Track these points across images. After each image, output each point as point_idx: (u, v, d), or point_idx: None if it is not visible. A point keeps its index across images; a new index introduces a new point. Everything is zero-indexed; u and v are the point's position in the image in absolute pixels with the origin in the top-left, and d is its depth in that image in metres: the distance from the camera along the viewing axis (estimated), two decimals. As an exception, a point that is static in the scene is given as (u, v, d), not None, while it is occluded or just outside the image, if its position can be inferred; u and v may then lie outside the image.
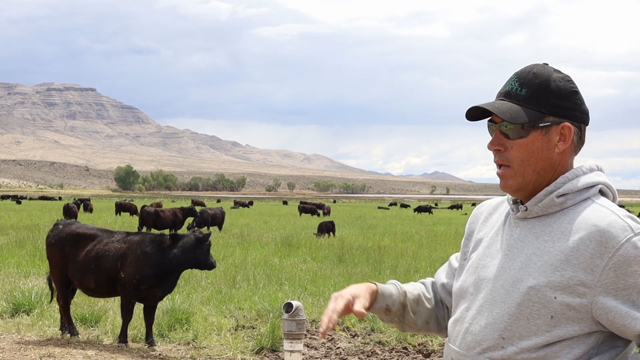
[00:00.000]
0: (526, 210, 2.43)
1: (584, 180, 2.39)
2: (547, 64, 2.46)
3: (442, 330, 2.82)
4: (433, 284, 2.89)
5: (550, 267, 2.30)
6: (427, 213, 79.30)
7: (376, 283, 2.77)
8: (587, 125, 2.45)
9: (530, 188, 2.43)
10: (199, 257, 10.46)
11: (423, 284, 2.89)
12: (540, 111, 2.38)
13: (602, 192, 2.42)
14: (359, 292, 2.68)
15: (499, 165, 2.47)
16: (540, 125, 2.38)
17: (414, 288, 2.84)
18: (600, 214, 2.30)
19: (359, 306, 2.63)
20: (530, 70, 2.44)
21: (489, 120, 2.48)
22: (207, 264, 10.57)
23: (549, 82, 2.39)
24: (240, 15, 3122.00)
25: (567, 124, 2.39)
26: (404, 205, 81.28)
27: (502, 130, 2.43)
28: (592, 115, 2.50)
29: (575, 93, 2.42)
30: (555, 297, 2.27)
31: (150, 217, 33.65)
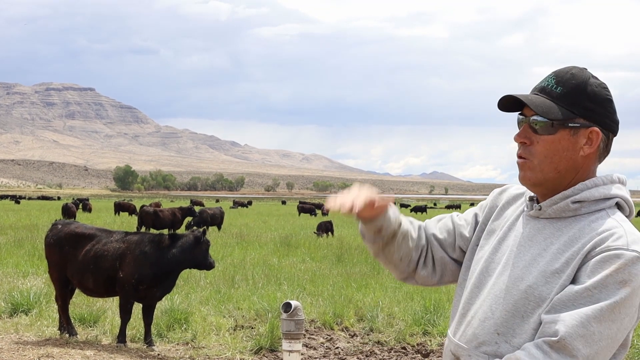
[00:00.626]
0: (540, 209, 2.44)
1: (602, 191, 2.39)
2: (586, 69, 2.46)
3: (405, 273, 2.84)
4: (420, 227, 2.86)
5: (550, 270, 2.31)
6: (423, 213, 79.37)
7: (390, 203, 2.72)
8: (615, 135, 2.46)
9: (548, 185, 2.44)
10: (198, 257, 10.46)
11: (411, 223, 2.85)
12: (572, 111, 2.39)
13: (619, 206, 2.42)
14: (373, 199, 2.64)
15: (521, 157, 2.47)
16: (570, 125, 2.39)
17: (407, 222, 2.82)
18: (609, 225, 2.31)
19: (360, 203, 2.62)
20: (569, 71, 2.45)
21: (520, 114, 2.48)
22: (205, 264, 10.57)
23: (585, 85, 2.40)
24: (239, 16, 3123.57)
25: (596, 129, 2.39)
26: (404, 205, 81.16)
27: (531, 124, 2.44)
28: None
29: (609, 101, 2.43)
30: (550, 299, 2.29)
31: (149, 217, 33.65)
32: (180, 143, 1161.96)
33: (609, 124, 2.42)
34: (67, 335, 10.71)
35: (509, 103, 2.48)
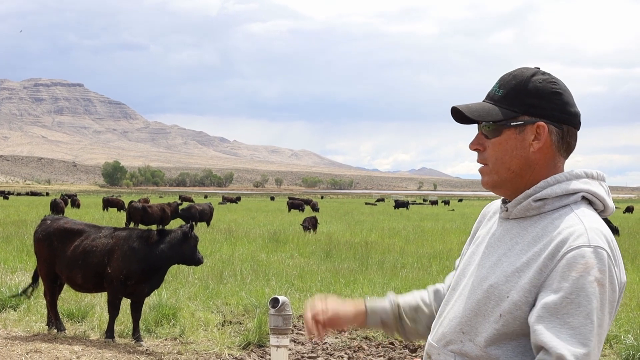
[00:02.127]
0: (507, 210, 2.46)
1: (564, 187, 2.38)
2: (534, 68, 2.47)
3: None
4: (438, 290, 2.91)
5: (512, 269, 2.32)
6: (405, 208, 79.48)
7: (366, 301, 2.86)
8: (574, 127, 2.44)
9: (508, 186, 2.45)
10: (186, 252, 10.45)
11: (427, 290, 2.91)
12: (513, 110, 2.40)
13: (589, 201, 2.42)
14: (331, 308, 2.89)
15: (481, 164, 2.50)
16: (513, 124, 2.40)
17: (412, 297, 2.88)
18: (569, 221, 2.30)
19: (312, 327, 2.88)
20: (512, 73, 2.47)
21: (478, 124, 2.50)
22: (194, 260, 10.56)
23: (526, 83, 2.41)
24: (229, 11, 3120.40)
25: (542, 123, 2.38)
26: (402, 205, 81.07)
27: (482, 131, 2.47)
28: (580, 111, 2.47)
29: (557, 94, 2.41)
30: (507, 296, 2.29)
31: (138, 213, 33.64)
32: (169, 139, 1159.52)
33: (559, 116, 2.40)
34: (56, 330, 10.70)
35: (463, 115, 2.49)
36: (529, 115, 2.40)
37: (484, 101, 2.49)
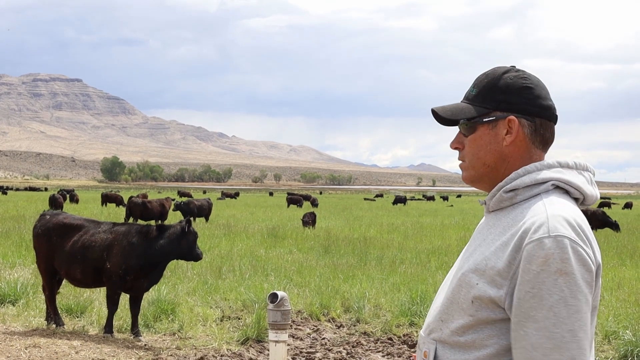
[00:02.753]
0: (485, 204, 2.56)
1: (533, 177, 2.42)
2: (509, 66, 2.57)
3: None
4: None
5: (481, 257, 2.38)
6: (402, 204, 79.62)
7: None
8: (548, 119, 2.50)
9: (486, 180, 2.54)
10: (185, 248, 10.47)
11: None
12: (485, 107, 2.50)
13: (566, 190, 2.44)
14: None
15: (460, 161, 2.61)
16: (485, 120, 2.49)
17: None
18: (535, 211, 2.34)
19: None
20: (486, 72, 2.58)
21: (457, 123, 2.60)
22: (193, 256, 10.59)
23: (497, 80, 2.51)
24: (228, 7, 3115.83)
25: (512, 117, 2.46)
26: (399, 200, 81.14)
27: (461, 130, 2.58)
28: (579, 107, 2.35)
29: (527, 88, 2.48)
30: (477, 284, 2.35)
31: (138, 208, 33.66)
32: (168, 134, 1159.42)
33: (530, 109, 2.47)
34: (54, 325, 10.71)
35: (444, 117, 2.59)
36: (500, 110, 2.48)
37: (462, 102, 2.60)
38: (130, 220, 32.84)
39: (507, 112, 2.47)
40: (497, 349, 2.33)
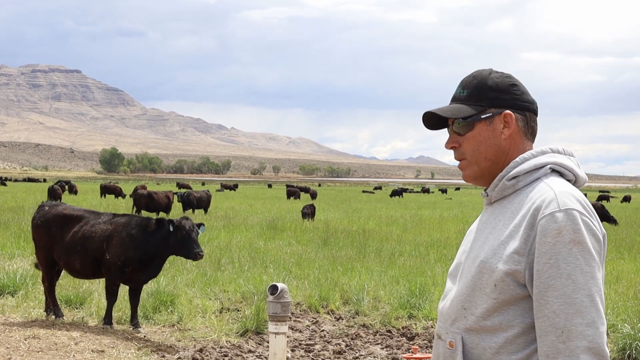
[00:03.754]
0: (487, 196, 2.69)
1: (532, 162, 2.60)
2: (488, 69, 2.74)
3: None
4: None
5: (497, 242, 2.52)
6: (399, 197, 79.70)
7: None
8: (535, 114, 2.71)
9: (487, 174, 2.69)
10: (182, 245, 10.35)
11: None
12: (480, 105, 2.66)
13: (560, 173, 2.62)
14: None
15: (459, 160, 2.74)
16: (482, 117, 2.65)
17: None
18: (541, 191, 2.51)
19: None
20: (472, 75, 2.74)
21: (447, 127, 2.75)
22: (190, 254, 10.37)
23: (486, 80, 2.68)
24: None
25: (508, 112, 2.64)
26: (396, 193, 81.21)
27: (455, 130, 2.71)
28: (578, 100, 2.42)
29: (514, 85, 2.68)
30: (497, 267, 2.48)
31: (143, 199, 33.68)
32: (167, 126, 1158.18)
33: (521, 104, 2.67)
34: (54, 316, 10.73)
35: (434, 121, 2.77)
36: (494, 107, 2.66)
37: (452, 103, 2.74)
38: (133, 211, 32.88)
39: (501, 108, 2.64)
40: (523, 328, 2.46)
